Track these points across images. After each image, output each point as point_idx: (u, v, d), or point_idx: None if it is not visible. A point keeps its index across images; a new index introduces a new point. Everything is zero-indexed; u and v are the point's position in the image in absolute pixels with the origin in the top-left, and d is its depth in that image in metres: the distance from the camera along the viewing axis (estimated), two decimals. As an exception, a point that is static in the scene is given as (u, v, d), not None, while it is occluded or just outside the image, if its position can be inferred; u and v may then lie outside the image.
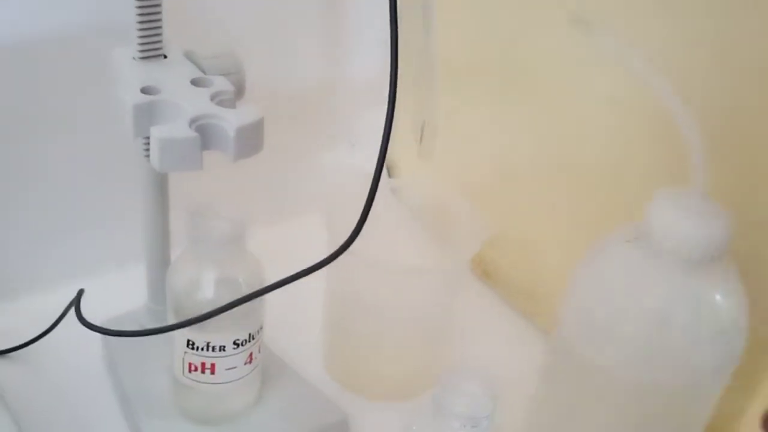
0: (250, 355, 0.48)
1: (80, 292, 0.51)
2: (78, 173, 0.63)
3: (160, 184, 0.51)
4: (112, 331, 0.47)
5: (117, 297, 0.56)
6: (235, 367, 0.48)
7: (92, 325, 0.47)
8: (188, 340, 0.46)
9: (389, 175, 0.81)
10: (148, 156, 0.47)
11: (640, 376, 0.45)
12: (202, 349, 0.46)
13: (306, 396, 0.54)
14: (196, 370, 0.47)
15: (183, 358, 0.47)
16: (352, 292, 0.57)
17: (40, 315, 0.58)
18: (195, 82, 0.45)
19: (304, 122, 0.43)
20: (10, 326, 0.59)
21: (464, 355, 0.61)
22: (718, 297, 0.43)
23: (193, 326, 0.45)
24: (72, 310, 0.50)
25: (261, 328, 0.49)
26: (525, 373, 0.52)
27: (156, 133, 0.40)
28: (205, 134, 0.42)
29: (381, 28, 0.40)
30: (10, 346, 0.58)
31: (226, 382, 0.48)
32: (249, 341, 0.47)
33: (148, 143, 0.45)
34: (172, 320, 0.47)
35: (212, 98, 0.44)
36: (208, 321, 0.45)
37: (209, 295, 0.46)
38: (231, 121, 0.42)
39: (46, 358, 0.59)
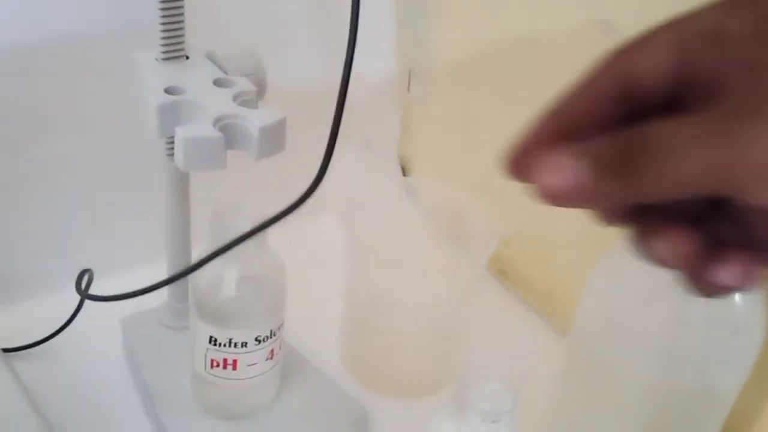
0: (272, 351, 0.49)
1: (84, 271, 0.51)
2: (99, 172, 0.64)
3: (182, 184, 0.52)
4: (117, 296, 0.46)
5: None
6: (256, 363, 0.48)
7: (95, 296, 0.47)
8: (210, 336, 0.47)
9: (403, 173, 0.82)
10: (170, 156, 0.48)
11: (656, 376, 0.45)
12: (225, 345, 0.47)
13: (326, 392, 0.55)
14: (218, 366, 0.48)
15: (205, 354, 0.48)
16: (371, 290, 0.58)
17: (61, 313, 0.58)
18: (217, 83, 0.46)
19: (321, 122, 0.43)
20: (30, 324, 0.60)
21: (481, 353, 0.61)
22: (734, 296, 0.44)
23: (216, 323, 0.46)
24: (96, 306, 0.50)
25: (282, 324, 0.49)
26: (541, 371, 0.53)
27: (181, 133, 0.41)
28: (228, 134, 0.43)
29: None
30: (31, 342, 0.58)
31: (248, 378, 0.49)
32: (270, 337, 0.48)
33: (172, 143, 0.46)
34: (195, 317, 0.48)
35: (234, 98, 0.45)
36: (231, 317, 0.46)
37: (232, 293, 0.47)
38: (254, 121, 0.43)
39: (66, 354, 0.60)
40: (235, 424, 0.51)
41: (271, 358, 0.49)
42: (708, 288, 0.27)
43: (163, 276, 0.56)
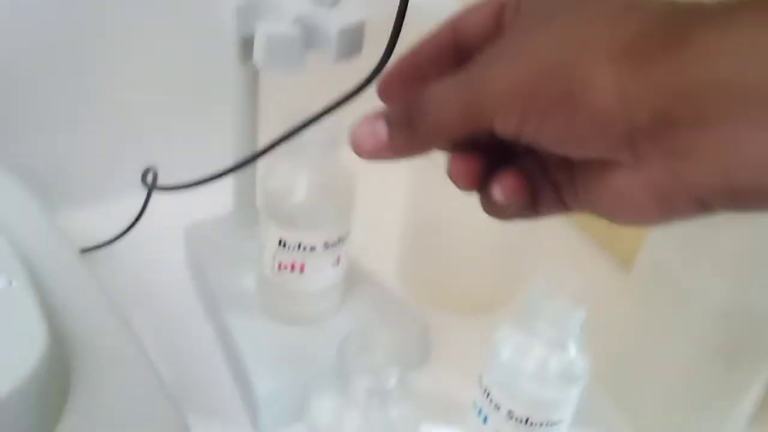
0: (338, 258, 0.49)
1: (149, 169, 0.51)
2: (169, 74, 0.64)
3: (252, 87, 0.51)
4: (183, 185, 0.45)
5: (203, 203, 0.57)
6: (323, 269, 0.49)
7: (161, 186, 0.47)
8: (280, 239, 0.47)
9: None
10: (244, 58, 0.48)
11: (731, 299, 0.44)
12: (293, 248, 0.47)
13: (388, 304, 0.55)
14: (285, 268, 0.49)
15: (274, 257, 0.48)
16: (433, 207, 0.57)
17: (124, 217, 0.59)
18: (296, -18, 0.45)
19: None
20: (97, 226, 0.61)
21: (544, 275, 0.61)
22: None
23: (286, 225, 0.46)
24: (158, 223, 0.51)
25: (348, 233, 0.49)
26: (602, 300, 0.52)
27: (261, 30, 0.41)
28: (306, 34, 0.42)
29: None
30: (98, 243, 0.60)
31: (314, 283, 0.49)
32: (338, 243, 0.48)
33: (246, 44, 0.45)
34: (265, 220, 0.48)
35: (314, -2, 0.44)
36: (301, 220, 0.46)
37: (302, 198, 0.47)
38: (333, 21, 0.42)
39: (129, 257, 0.61)
40: (298, 328, 0.52)
41: (338, 265, 0.50)
42: (490, 206, 0.32)
43: (230, 183, 0.57)
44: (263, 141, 0.54)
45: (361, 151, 0.31)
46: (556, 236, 0.68)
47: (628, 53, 0.25)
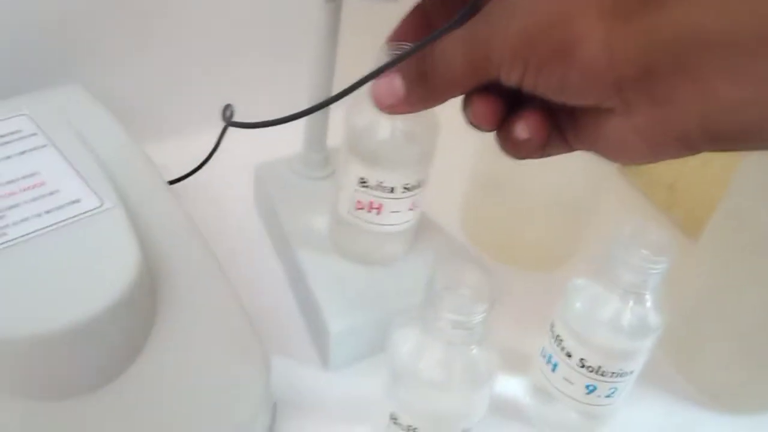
0: (414, 202, 0.49)
1: (227, 105, 0.51)
2: (245, 13, 0.64)
3: (333, 25, 0.51)
4: (259, 123, 0.44)
5: (272, 143, 0.57)
6: (399, 211, 0.49)
7: (238, 123, 0.46)
8: (361, 178, 0.47)
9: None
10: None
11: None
12: (373, 187, 0.47)
13: (456, 252, 0.56)
14: (362, 208, 0.49)
15: (352, 195, 0.49)
16: (498, 164, 0.57)
17: (196, 153, 0.60)
18: None
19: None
20: (173, 161, 0.61)
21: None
22: None
23: (368, 164, 0.47)
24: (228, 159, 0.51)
25: (427, 178, 0.50)
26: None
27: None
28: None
29: None
30: (175, 177, 0.60)
31: (389, 225, 0.50)
32: (416, 188, 0.48)
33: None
34: (345, 160, 0.48)
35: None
36: (384, 159, 0.46)
37: (386, 136, 0.47)
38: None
39: (199, 193, 0.62)
40: (369, 268, 0.52)
41: (413, 209, 0.50)
42: (511, 144, 0.33)
43: (301, 129, 0.57)
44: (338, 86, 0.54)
45: (381, 105, 0.34)
46: (618, 200, 0.68)
47: (615, 9, 0.28)
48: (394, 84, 0.33)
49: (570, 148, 0.34)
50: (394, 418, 0.43)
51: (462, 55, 0.31)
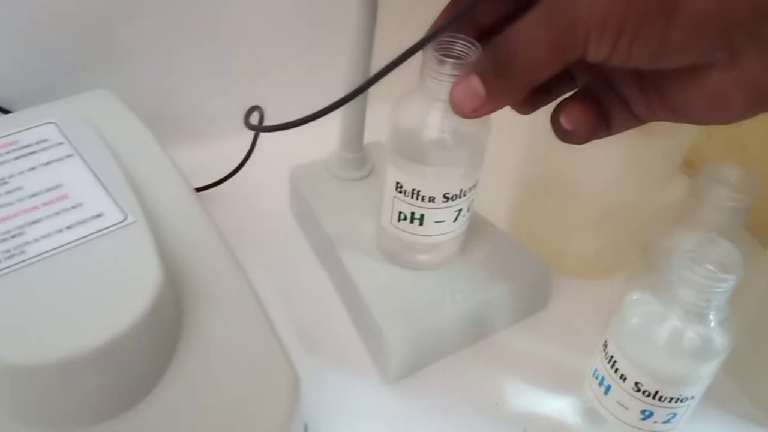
0: (460, 211, 0.46)
1: (253, 107, 0.49)
2: (276, 13, 0.62)
3: (369, 22, 0.48)
4: (289, 123, 0.40)
5: (306, 145, 0.55)
6: (443, 221, 0.46)
7: (266, 127, 0.43)
8: (397, 183, 0.44)
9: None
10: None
11: None
12: (411, 196, 0.45)
13: (511, 252, 0.53)
14: (405, 219, 0.46)
15: (393, 205, 0.46)
16: (550, 166, 0.54)
17: (229, 157, 0.58)
18: None
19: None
20: (206, 166, 0.60)
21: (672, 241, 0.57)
22: None
23: (403, 168, 0.44)
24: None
25: (475, 186, 0.46)
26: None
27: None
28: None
29: None
30: (207, 183, 0.59)
31: (434, 235, 0.47)
32: (459, 197, 0.45)
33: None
34: (389, 158, 0.45)
35: None
36: (433, 161, 0.43)
37: (434, 135, 0.43)
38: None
39: (232, 198, 0.60)
40: (419, 273, 0.50)
41: (460, 218, 0.47)
42: (561, 132, 0.33)
43: (337, 130, 0.54)
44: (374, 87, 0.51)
45: (463, 111, 0.32)
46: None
47: None
48: (473, 85, 0.31)
49: (639, 121, 0.32)
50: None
51: (544, 34, 0.29)
